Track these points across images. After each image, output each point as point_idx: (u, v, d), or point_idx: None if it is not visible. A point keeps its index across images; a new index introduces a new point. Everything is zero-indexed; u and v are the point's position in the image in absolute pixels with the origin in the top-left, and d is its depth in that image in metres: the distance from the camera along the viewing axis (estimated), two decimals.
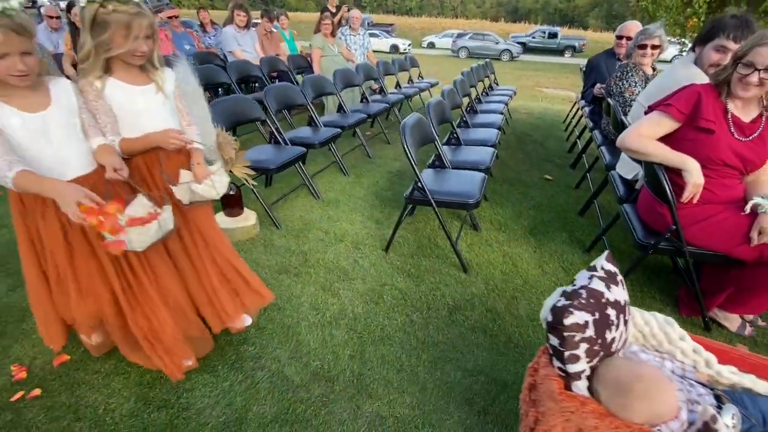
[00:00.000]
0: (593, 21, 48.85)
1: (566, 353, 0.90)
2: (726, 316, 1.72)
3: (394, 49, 19.85)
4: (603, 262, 1.03)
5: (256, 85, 5.03)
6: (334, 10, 5.63)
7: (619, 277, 1.04)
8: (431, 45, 23.32)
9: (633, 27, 2.95)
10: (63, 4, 5.71)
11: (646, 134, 1.60)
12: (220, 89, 4.83)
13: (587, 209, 2.65)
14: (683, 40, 14.19)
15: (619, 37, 3.04)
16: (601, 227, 2.22)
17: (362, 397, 1.39)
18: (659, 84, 1.95)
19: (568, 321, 0.89)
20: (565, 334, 0.89)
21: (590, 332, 0.91)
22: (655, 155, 1.57)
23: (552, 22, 51.26)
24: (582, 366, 0.92)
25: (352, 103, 4.29)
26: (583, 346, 0.90)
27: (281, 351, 1.58)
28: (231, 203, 2.28)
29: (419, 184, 1.99)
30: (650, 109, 1.66)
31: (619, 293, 1.01)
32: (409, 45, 20.75)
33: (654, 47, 2.53)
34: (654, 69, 2.60)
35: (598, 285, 0.96)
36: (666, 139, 1.60)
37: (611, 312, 0.96)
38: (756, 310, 1.65)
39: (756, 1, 11.99)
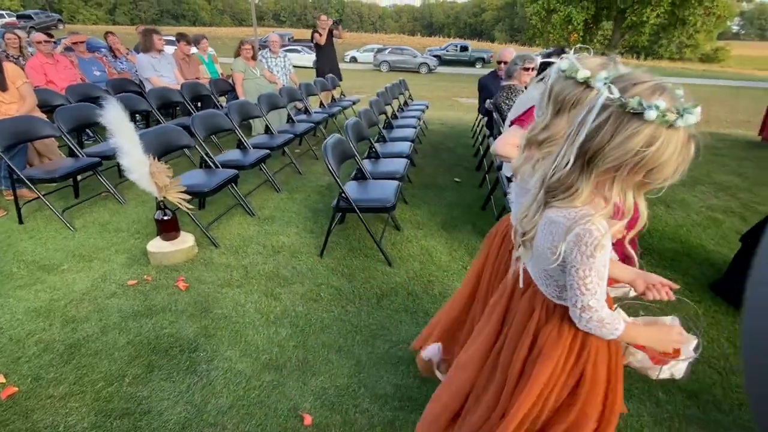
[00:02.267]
0: (498, 34, 53.90)
1: None
2: None
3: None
4: None
5: (178, 109, 5.02)
6: (324, 27, 5.75)
7: None
8: (353, 59, 24.06)
9: (508, 53, 3.63)
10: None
11: (510, 143, 2.10)
12: (137, 116, 4.75)
13: (487, 203, 3.19)
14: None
15: (499, 62, 3.71)
16: (495, 217, 2.73)
17: (307, 376, 1.66)
18: (521, 102, 2.51)
19: None
20: None
21: None
22: (515, 158, 2.07)
23: (463, 36, 55.52)
24: None
25: (279, 123, 4.52)
26: None
27: (232, 351, 1.78)
28: (167, 228, 2.40)
29: (343, 194, 2.31)
30: (512, 123, 2.17)
31: None
32: None
33: (533, 69, 3.19)
34: (525, 87, 3.24)
35: None
36: None
37: None
38: None
39: (620, 19, 14.27)
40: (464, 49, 25.02)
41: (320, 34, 5.85)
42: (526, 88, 3.24)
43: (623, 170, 0.71)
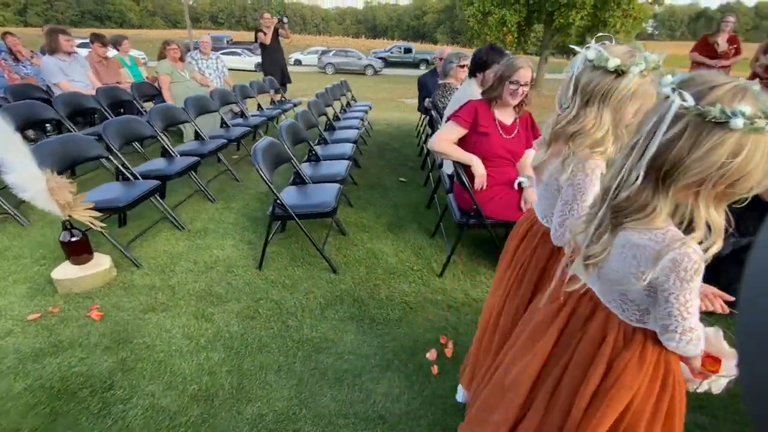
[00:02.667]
0: (440, 36, 55.54)
1: None
2: None
3: (260, 66, 19.50)
4: None
5: (96, 117, 4.55)
6: (269, 26, 5.48)
7: None
8: (298, 62, 23.58)
9: (447, 50, 3.67)
10: None
11: (445, 139, 2.08)
12: (48, 126, 4.24)
13: (431, 202, 3.18)
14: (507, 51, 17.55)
15: (440, 59, 3.74)
16: (438, 216, 2.71)
17: (242, 404, 1.51)
18: (457, 99, 2.52)
19: None
20: None
21: None
22: (453, 155, 2.05)
23: (407, 38, 56.57)
24: None
25: (213, 128, 4.23)
26: None
27: (154, 386, 1.58)
28: (76, 250, 2.11)
29: (278, 201, 2.17)
30: (448, 119, 2.15)
31: None
32: None
33: (467, 66, 3.23)
34: (460, 84, 3.28)
35: None
36: (461, 141, 2.10)
37: None
38: None
39: (549, 21, 15.16)
40: (408, 51, 25.42)
41: (265, 33, 5.59)
42: (460, 84, 3.28)
43: (707, 184, 0.64)
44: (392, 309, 2.06)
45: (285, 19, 5.89)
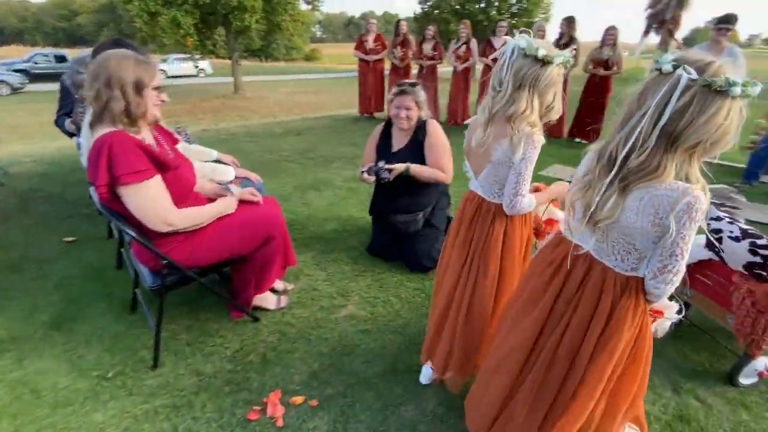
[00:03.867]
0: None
1: None
2: (261, 298, 1.93)
3: None
4: None
5: None
6: None
7: None
8: None
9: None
10: None
11: (172, 207, 1.44)
12: None
13: (122, 259, 2.28)
14: (195, 55, 16.29)
15: None
16: (134, 277, 1.92)
17: None
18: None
19: None
20: None
21: None
22: (207, 216, 1.58)
23: (58, 43, 43.95)
24: None
25: None
26: None
27: None
28: None
29: None
30: (123, 181, 1.33)
31: None
32: None
33: None
34: None
35: None
36: None
37: None
38: (274, 279, 1.93)
39: (228, 24, 14.90)
40: (62, 59, 19.53)
41: None
42: None
43: (702, 144, 0.76)
44: None
45: None
